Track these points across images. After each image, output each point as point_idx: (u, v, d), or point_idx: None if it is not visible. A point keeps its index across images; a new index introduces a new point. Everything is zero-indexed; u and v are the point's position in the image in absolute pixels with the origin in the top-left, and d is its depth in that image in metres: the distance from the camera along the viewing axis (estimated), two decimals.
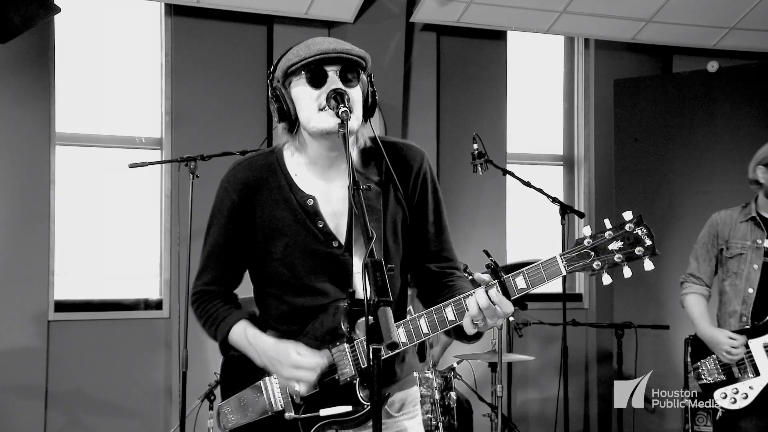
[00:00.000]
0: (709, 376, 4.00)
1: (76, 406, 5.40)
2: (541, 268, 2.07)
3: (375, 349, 1.71)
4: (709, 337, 4.01)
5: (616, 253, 2.04)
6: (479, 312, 2.08)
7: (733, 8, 6.07)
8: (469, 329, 2.12)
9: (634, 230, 2.04)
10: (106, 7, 5.76)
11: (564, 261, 2.06)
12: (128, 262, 5.84)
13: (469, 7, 5.81)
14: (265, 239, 2.30)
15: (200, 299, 2.43)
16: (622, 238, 2.04)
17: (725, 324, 4.08)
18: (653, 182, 6.26)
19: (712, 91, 6.15)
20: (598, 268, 2.05)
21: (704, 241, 4.19)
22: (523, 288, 2.09)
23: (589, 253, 2.05)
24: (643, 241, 2.03)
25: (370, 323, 1.71)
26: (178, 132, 5.70)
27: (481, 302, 2.07)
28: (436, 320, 2.16)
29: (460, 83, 6.41)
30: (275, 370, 2.27)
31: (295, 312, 2.32)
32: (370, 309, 1.71)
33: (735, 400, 3.89)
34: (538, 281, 2.08)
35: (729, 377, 3.94)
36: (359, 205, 1.93)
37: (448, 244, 2.41)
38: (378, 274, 1.78)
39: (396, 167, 2.29)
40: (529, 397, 6.49)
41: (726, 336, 3.93)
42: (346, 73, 2.19)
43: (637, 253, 2.03)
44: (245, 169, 2.33)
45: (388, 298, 1.74)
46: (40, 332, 5.32)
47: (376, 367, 1.67)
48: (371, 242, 1.82)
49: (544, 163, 6.97)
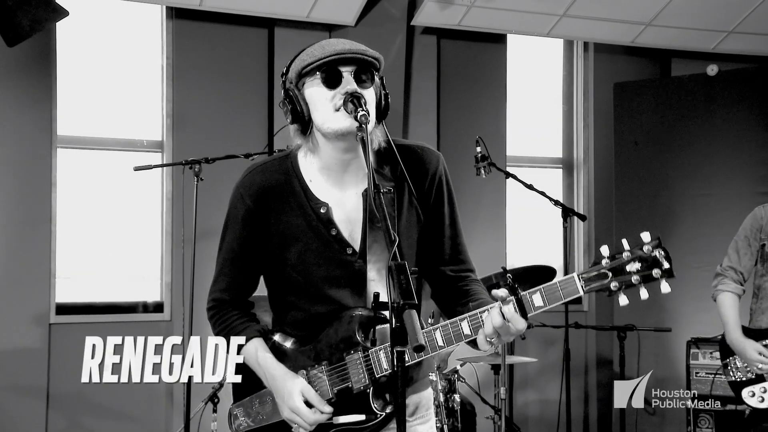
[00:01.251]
0: (738, 373, 3.97)
1: (78, 409, 5.39)
2: (559, 287, 2.08)
3: (399, 352, 1.71)
4: (739, 349, 3.93)
5: (634, 274, 2.05)
6: (494, 331, 2.07)
7: (732, 12, 6.09)
8: (483, 346, 2.12)
9: (652, 252, 2.04)
10: (107, 10, 5.76)
11: (582, 281, 2.08)
12: (129, 264, 5.83)
13: (470, 11, 5.82)
14: (280, 245, 2.29)
15: (216, 308, 2.42)
16: (640, 259, 2.05)
17: (758, 320, 4.00)
18: (653, 185, 6.27)
19: (712, 95, 6.17)
20: (615, 288, 2.06)
21: (746, 234, 4.07)
22: (540, 306, 2.09)
23: (606, 273, 2.06)
24: (661, 264, 2.03)
25: (395, 326, 1.70)
26: (180, 135, 5.70)
27: (496, 321, 2.06)
28: (452, 334, 2.15)
29: (460, 86, 6.42)
30: (279, 401, 2.30)
31: (310, 318, 2.31)
32: (395, 312, 1.71)
33: (763, 399, 3.84)
34: (555, 299, 2.09)
35: (758, 375, 3.88)
36: (380, 209, 1.92)
37: (462, 247, 2.40)
38: (402, 276, 1.77)
39: (411, 170, 2.28)
40: (529, 399, 6.50)
41: (756, 351, 3.86)
42: (361, 74, 2.18)
43: (654, 275, 2.04)
44: (260, 174, 2.31)
45: (414, 301, 1.74)
46: (42, 335, 5.31)
47: (400, 370, 1.66)
48: (394, 245, 1.82)
49: (543, 166, 6.99)
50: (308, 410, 2.24)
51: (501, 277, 4.70)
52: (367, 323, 2.26)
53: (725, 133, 6.09)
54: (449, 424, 4.42)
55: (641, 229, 6.58)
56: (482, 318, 2.11)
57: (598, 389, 6.70)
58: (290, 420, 2.27)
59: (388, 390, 2.29)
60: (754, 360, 3.86)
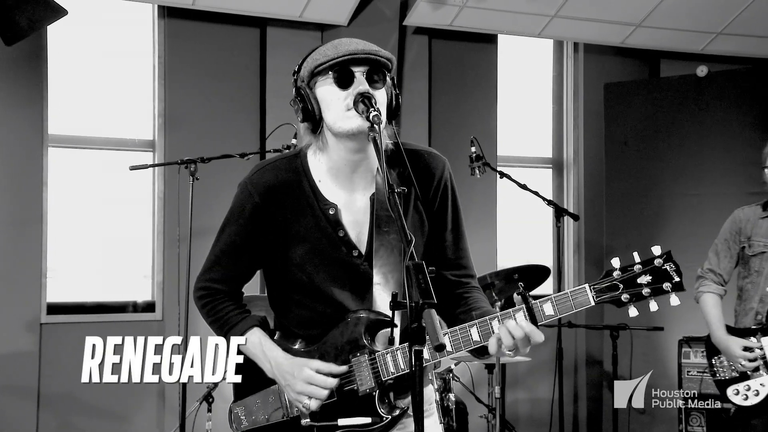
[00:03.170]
0: (724, 372, 4.02)
1: (69, 409, 5.36)
2: (570, 297, 2.11)
3: (417, 351, 1.71)
4: (724, 347, 4.00)
5: (645, 287, 2.09)
6: (513, 342, 2.09)
7: (721, 13, 6.13)
8: (493, 349, 2.13)
9: (662, 266, 2.09)
10: (99, 9, 5.73)
11: (593, 291, 2.10)
12: (121, 264, 5.81)
13: (462, 11, 5.84)
14: (286, 243, 2.29)
15: (210, 296, 2.40)
16: (651, 272, 2.09)
17: (742, 321, 4.08)
18: (643, 185, 6.31)
19: (702, 95, 6.21)
20: (626, 300, 2.10)
21: (726, 236, 4.16)
22: (551, 315, 2.12)
23: (618, 285, 2.10)
24: (671, 277, 2.08)
25: (414, 326, 1.71)
26: (172, 134, 5.68)
27: (516, 333, 2.08)
28: (461, 340, 2.17)
29: (451, 86, 6.44)
30: (287, 382, 2.28)
31: (316, 318, 2.31)
32: (414, 311, 1.72)
33: (747, 396, 3.91)
34: (566, 309, 2.11)
35: (742, 374, 3.94)
36: (395, 209, 1.93)
37: (465, 252, 2.42)
38: (420, 276, 1.77)
39: (417, 174, 2.29)
40: (520, 398, 6.53)
41: (740, 347, 3.93)
42: (373, 75, 2.18)
43: (665, 288, 2.09)
44: (269, 172, 2.30)
45: (433, 300, 1.74)
46: (33, 335, 5.29)
47: (418, 369, 1.67)
48: (411, 245, 1.82)
49: (533, 166, 7.02)
50: (321, 375, 2.24)
51: (495, 277, 4.72)
52: (373, 326, 2.27)
53: (714, 134, 6.14)
54: (445, 424, 4.44)
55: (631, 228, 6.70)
56: (491, 324, 2.13)
57: (588, 388, 6.73)
58: (303, 392, 2.24)
59: (394, 393, 2.29)
60: (738, 356, 3.93)
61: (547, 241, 6.85)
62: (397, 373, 2.23)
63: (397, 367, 2.22)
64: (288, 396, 2.30)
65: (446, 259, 2.39)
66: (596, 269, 6.52)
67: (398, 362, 2.22)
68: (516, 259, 6.55)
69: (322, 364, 2.26)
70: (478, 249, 6.39)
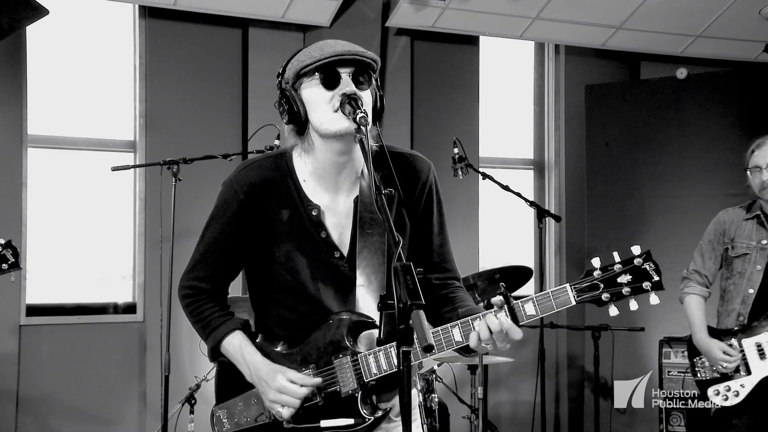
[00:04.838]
0: (705, 372, 4.06)
1: (48, 412, 5.33)
2: (551, 297, 2.13)
3: (405, 352, 1.71)
4: (705, 349, 4.04)
5: (625, 286, 2.12)
6: (490, 336, 2.10)
7: (700, 16, 6.19)
8: (473, 343, 2.14)
9: (642, 265, 2.12)
10: (79, 9, 5.70)
11: (574, 291, 2.13)
12: (101, 265, 5.78)
13: (444, 13, 5.85)
14: (270, 242, 2.29)
15: (194, 296, 2.40)
16: (631, 271, 2.12)
17: (724, 322, 4.12)
18: (624, 187, 6.35)
19: (682, 98, 6.26)
20: (607, 299, 2.12)
21: (710, 238, 4.20)
22: (532, 314, 2.14)
23: (598, 284, 2.12)
24: (650, 276, 2.11)
25: (402, 327, 1.70)
26: (153, 135, 5.65)
27: (493, 327, 2.09)
28: (443, 340, 2.17)
29: (433, 87, 6.45)
30: (262, 389, 2.28)
31: (297, 318, 2.31)
32: (402, 312, 1.71)
33: (727, 397, 3.96)
34: (547, 309, 2.13)
35: (722, 374, 3.98)
36: (383, 210, 1.92)
37: (449, 255, 2.43)
38: (408, 277, 1.77)
39: (403, 177, 2.29)
40: (501, 399, 6.55)
41: (720, 350, 3.96)
42: (359, 76, 2.18)
43: (644, 287, 2.11)
44: (254, 170, 2.30)
45: (421, 301, 1.74)
46: (12, 337, 5.24)
47: (405, 370, 1.67)
48: (399, 246, 1.82)
49: (515, 167, 7.05)
50: (294, 385, 2.24)
51: (478, 278, 4.73)
52: (355, 327, 2.27)
53: (695, 136, 6.19)
54: (428, 424, 4.44)
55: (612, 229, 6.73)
56: (474, 325, 2.14)
57: (569, 388, 6.76)
58: (275, 401, 2.25)
59: (377, 394, 2.30)
60: (718, 359, 3.97)
61: (529, 242, 6.87)
62: (380, 374, 2.23)
63: (380, 368, 2.22)
64: (264, 402, 2.30)
65: (431, 262, 2.39)
66: (578, 270, 6.54)
67: (381, 363, 2.22)
68: (498, 260, 6.58)
69: (297, 375, 2.25)
70: (461, 250, 6.36)
